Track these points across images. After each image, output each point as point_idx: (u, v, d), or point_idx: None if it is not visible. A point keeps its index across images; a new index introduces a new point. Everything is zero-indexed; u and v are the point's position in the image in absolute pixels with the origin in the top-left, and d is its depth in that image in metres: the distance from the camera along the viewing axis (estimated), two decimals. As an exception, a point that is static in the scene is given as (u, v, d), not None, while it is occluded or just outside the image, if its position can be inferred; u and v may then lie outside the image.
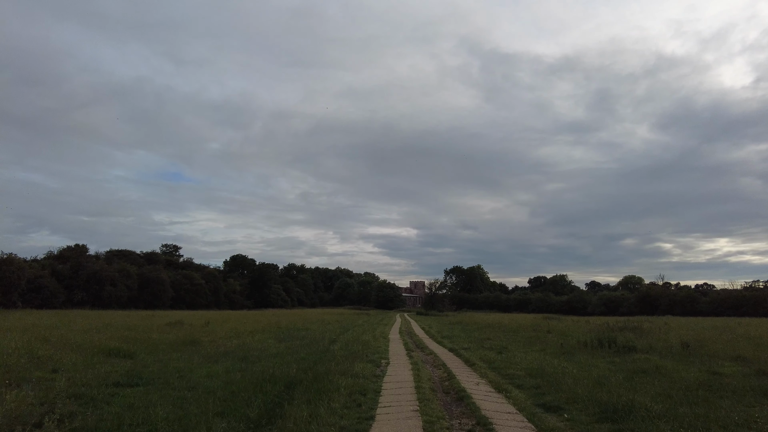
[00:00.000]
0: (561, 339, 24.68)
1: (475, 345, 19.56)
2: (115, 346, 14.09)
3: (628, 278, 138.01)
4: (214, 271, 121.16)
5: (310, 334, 25.08)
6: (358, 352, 14.71)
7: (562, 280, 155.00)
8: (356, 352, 14.51)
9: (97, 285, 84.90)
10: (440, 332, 29.52)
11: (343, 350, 15.52)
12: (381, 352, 15.97)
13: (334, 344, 18.68)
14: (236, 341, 19.71)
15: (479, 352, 16.77)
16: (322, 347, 16.84)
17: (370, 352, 15.66)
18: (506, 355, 16.11)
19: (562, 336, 27.17)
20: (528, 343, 21.92)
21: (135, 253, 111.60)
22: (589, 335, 25.88)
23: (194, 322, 32.30)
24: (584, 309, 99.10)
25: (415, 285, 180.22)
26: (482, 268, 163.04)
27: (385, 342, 21.41)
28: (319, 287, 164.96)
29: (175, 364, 12.19)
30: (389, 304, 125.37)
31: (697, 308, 78.86)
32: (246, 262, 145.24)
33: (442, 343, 21.07)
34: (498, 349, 18.11)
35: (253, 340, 20.68)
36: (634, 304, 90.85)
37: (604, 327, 32.58)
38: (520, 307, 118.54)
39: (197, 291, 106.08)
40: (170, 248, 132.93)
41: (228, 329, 26.75)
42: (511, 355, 15.83)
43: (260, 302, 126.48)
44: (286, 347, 17.36)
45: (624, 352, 17.31)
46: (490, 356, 15.46)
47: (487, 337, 25.58)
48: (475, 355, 15.59)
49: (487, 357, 15.17)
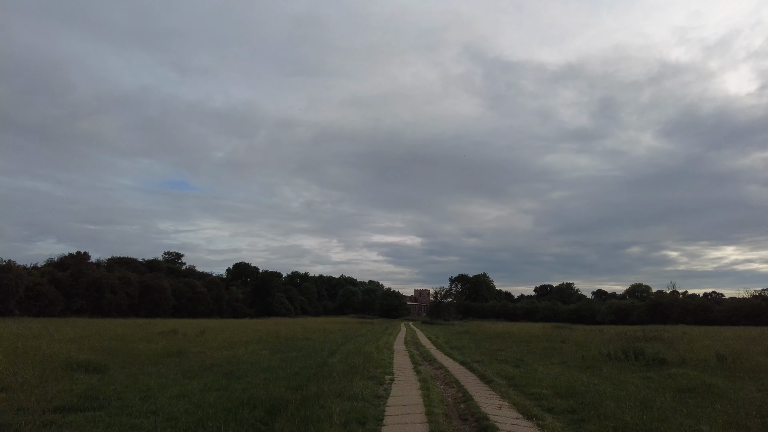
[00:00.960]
0: (579, 350, 22.89)
1: (488, 357, 17.81)
2: (85, 358, 12.50)
3: (636, 286, 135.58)
4: (217, 279, 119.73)
5: (310, 345, 23.42)
6: (358, 366, 13.04)
7: (568, 288, 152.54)
8: (357, 366, 12.84)
9: (97, 293, 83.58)
10: (448, 342, 27.75)
11: (342, 364, 13.85)
12: (385, 366, 14.28)
13: (333, 356, 17.00)
14: (227, 353, 18.07)
15: (494, 366, 15.04)
16: (319, 360, 15.17)
17: (372, 365, 13.98)
18: (525, 369, 14.38)
19: (579, 346, 25.35)
20: (545, 354, 20.14)
21: (137, 261, 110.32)
22: (610, 346, 24.06)
23: (189, 331, 30.73)
24: (593, 318, 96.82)
25: (420, 293, 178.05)
26: (488, 276, 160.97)
27: (390, 354, 19.69)
28: (323, 295, 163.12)
29: (146, 380, 10.58)
30: (394, 312, 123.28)
31: (711, 317, 76.51)
32: (249, 269, 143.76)
33: (452, 355, 19.32)
34: (514, 362, 16.37)
35: (246, 351, 19.03)
36: (644, 312, 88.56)
37: (622, 336, 30.71)
38: (527, 316, 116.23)
39: (199, 299, 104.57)
40: (172, 256, 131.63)
41: (222, 339, 25.14)
42: (531, 370, 14.10)
43: (263, 310, 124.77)
44: (281, 360, 15.71)
45: (655, 365, 15.53)
46: (507, 371, 13.73)
47: (499, 348, 23.80)
48: (490, 370, 13.88)
49: (505, 372, 13.45)
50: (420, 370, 13.34)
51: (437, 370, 13.92)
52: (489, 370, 13.89)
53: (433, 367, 14.70)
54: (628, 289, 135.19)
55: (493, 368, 14.39)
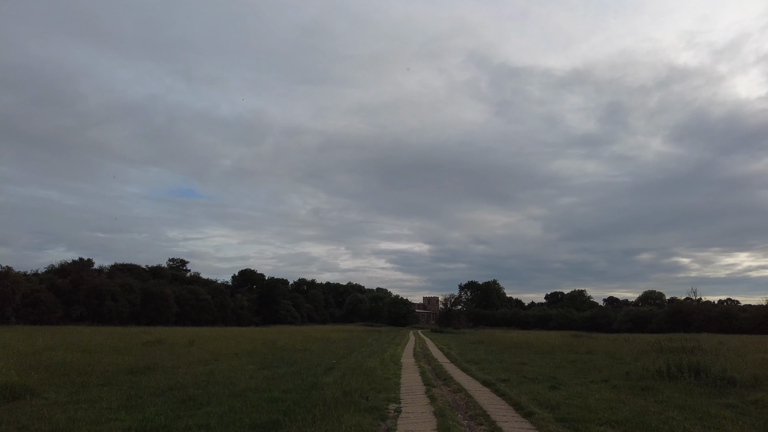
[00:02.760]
0: (615, 363, 19.89)
1: (514, 375, 14.90)
2: (4, 381, 9.79)
3: (649, 293, 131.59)
4: (221, 287, 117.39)
5: (306, 358, 20.66)
6: (356, 389, 10.23)
7: (580, 296, 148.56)
8: (354, 391, 10.03)
9: (97, 300, 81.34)
10: (463, 354, 24.83)
11: (336, 386, 11.06)
12: (389, 389, 11.45)
13: (329, 374, 14.20)
14: (205, 368, 15.35)
15: (525, 387, 12.16)
16: (310, 380, 12.39)
17: (374, 387, 11.17)
18: (565, 391, 11.50)
19: (613, 359, 22.33)
20: (578, 370, 17.20)
21: (140, 267, 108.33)
22: (648, 358, 21.01)
23: (179, 340, 28.10)
24: (609, 326, 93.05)
25: (429, 301, 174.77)
26: (498, 283, 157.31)
27: (397, 369, 16.83)
28: (330, 303, 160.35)
29: (67, 412, 7.88)
30: (402, 320, 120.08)
31: (736, 325, 72.60)
32: (255, 276, 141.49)
33: (469, 371, 16.43)
34: (547, 381, 13.47)
35: (229, 366, 16.30)
36: (663, 320, 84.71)
37: (655, 347, 27.60)
38: (540, 324, 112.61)
39: (203, 307, 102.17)
40: (177, 263, 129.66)
41: (210, 350, 22.46)
42: (573, 393, 11.22)
43: (269, 318, 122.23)
44: (264, 378, 12.96)
45: (724, 386, 12.58)
46: (544, 394, 10.87)
47: (521, 361, 20.86)
48: (523, 393, 11.02)
49: (542, 396, 10.59)
50: (434, 395, 10.49)
51: (456, 394, 11.06)
52: (522, 393, 11.03)
53: (450, 389, 11.84)
54: (641, 296, 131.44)
55: (524, 391, 11.52)
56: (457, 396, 10.85)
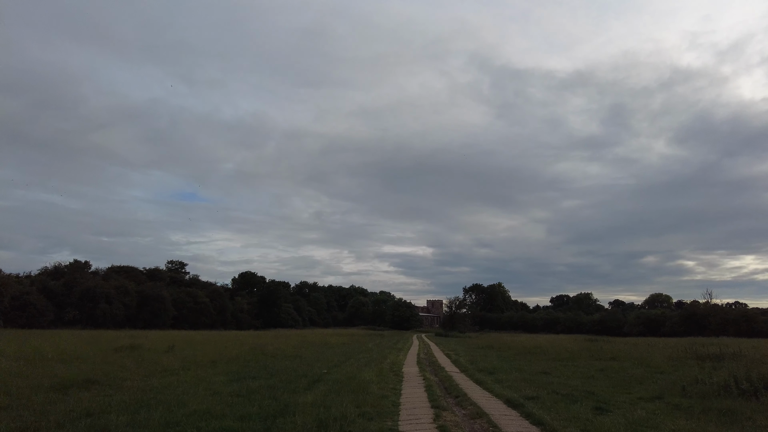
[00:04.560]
0: (652, 373, 17.00)
1: (543, 390, 12.04)
2: None
3: (656, 296, 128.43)
4: (220, 289, 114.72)
5: (294, 366, 17.89)
6: (338, 417, 7.45)
7: (587, 298, 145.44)
8: (334, 419, 7.26)
9: (91, 303, 78.84)
10: (473, 362, 21.96)
11: (315, 408, 8.29)
12: (385, 413, 8.56)
13: (312, 389, 11.41)
14: (162, 380, 12.59)
15: (563, 409, 9.34)
16: (284, 399, 9.60)
17: (365, 412, 8.33)
18: (619, 416, 8.67)
19: (645, 367, 19.43)
20: (615, 382, 14.32)
21: (137, 270, 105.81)
22: (693, 368, 18.09)
23: (157, 345, 25.38)
24: (619, 329, 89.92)
25: (433, 304, 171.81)
26: (503, 286, 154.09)
27: (397, 381, 14.00)
28: (333, 306, 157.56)
29: None
30: (405, 324, 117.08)
31: (755, 328, 69.43)
32: (255, 279, 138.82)
33: (484, 384, 13.57)
34: (586, 399, 10.63)
35: (195, 377, 13.54)
36: (677, 323, 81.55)
37: (689, 353, 24.65)
38: (547, 328, 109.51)
39: (201, 310, 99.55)
40: (176, 265, 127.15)
41: (185, 357, 19.71)
42: (632, 418, 8.40)
43: (269, 322, 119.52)
44: (228, 395, 10.21)
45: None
46: (595, 423, 8.05)
47: (542, 370, 18.01)
48: (563, 420, 8.19)
49: (594, 427, 7.77)
50: (447, 425, 7.65)
51: (475, 422, 8.18)
52: (561, 420, 8.20)
53: (467, 413, 8.96)
54: (647, 299, 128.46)
55: (564, 415, 8.69)
56: (477, 425, 8.00)
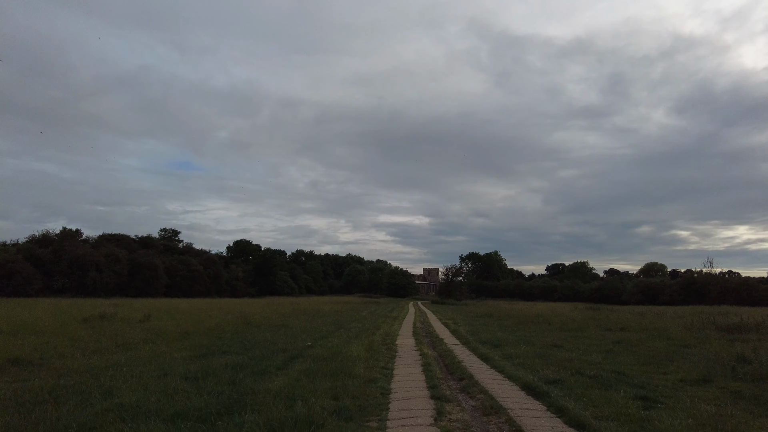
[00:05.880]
0: (676, 347, 15.20)
1: (563, 370, 10.09)
2: None
3: (651, 265, 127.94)
4: (215, 257, 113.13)
5: (276, 338, 16.07)
6: (300, 419, 5.40)
7: (583, 267, 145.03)
8: (298, 421, 5.25)
9: (81, 271, 77.08)
10: (474, 333, 20.17)
11: (276, 404, 6.31)
12: (370, 408, 6.44)
13: (285, 369, 9.46)
14: (109, 359, 10.63)
15: (596, 397, 7.39)
16: (242, 387, 7.60)
17: (343, 408, 6.25)
18: (681, 413, 6.72)
19: (665, 340, 17.63)
20: (641, 359, 12.46)
21: (129, 238, 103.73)
22: (725, 343, 16.33)
23: (133, 315, 23.52)
24: (618, 297, 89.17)
25: (429, 272, 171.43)
26: (499, 254, 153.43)
27: (389, 357, 12.09)
28: (329, 274, 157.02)
29: None
30: (401, 291, 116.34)
31: (756, 297, 68.46)
32: (250, 247, 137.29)
33: (491, 360, 11.68)
34: (620, 383, 8.70)
35: (154, 353, 11.62)
36: (676, 291, 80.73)
37: (707, 323, 22.98)
38: (544, 296, 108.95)
39: (195, 278, 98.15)
40: (169, 233, 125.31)
41: (154, 328, 17.82)
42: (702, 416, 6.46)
43: (265, 289, 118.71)
44: (183, 377, 8.27)
45: None
46: (649, 420, 6.11)
47: (552, 342, 16.20)
48: (605, 418, 6.24)
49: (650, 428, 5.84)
50: (452, 430, 5.60)
51: (490, 420, 6.16)
52: (605, 420, 6.26)
53: (477, 407, 6.91)
54: (642, 268, 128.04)
55: (606, 411, 6.73)
56: (493, 423, 5.99)
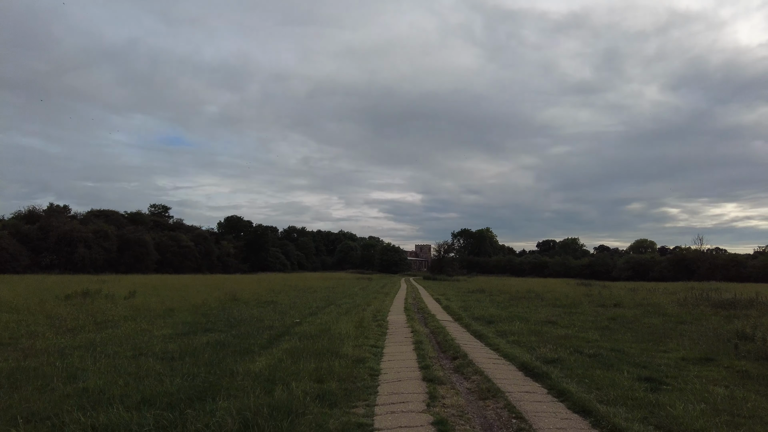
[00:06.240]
0: (672, 323, 14.94)
1: (561, 348, 9.70)
2: None
3: (641, 242, 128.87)
4: (205, 233, 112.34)
5: (263, 315, 15.63)
6: (282, 405, 4.91)
7: (574, 243, 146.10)
8: (276, 408, 4.76)
9: (69, 247, 76.11)
10: (467, 309, 19.85)
11: (255, 388, 5.81)
12: (357, 392, 5.95)
13: (269, 349, 8.98)
14: (84, 338, 10.10)
15: (599, 378, 6.91)
16: (221, 369, 7.10)
17: (328, 392, 5.74)
18: (690, 396, 6.29)
19: (661, 316, 17.39)
20: (639, 336, 12.14)
21: (118, 214, 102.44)
22: (721, 320, 16.12)
23: (118, 291, 22.96)
24: (608, 273, 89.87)
25: (421, 248, 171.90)
26: (491, 231, 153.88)
27: (380, 335, 11.67)
28: (321, 251, 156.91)
29: None
30: (394, 267, 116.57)
31: (744, 273, 69.18)
32: (241, 224, 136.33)
33: (485, 338, 11.29)
34: (627, 364, 8.28)
35: (134, 330, 11.10)
36: (666, 268, 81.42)
37: (701, 299, 22.85)
38: (535, 272, 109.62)
39: (185, 254, 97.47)
40: (159, 209, 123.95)
41: (143, 305, 17.29)
42: (714, 400, 6.04)
43: (257, 265, 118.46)
44: (159, 357, 7.76)
45: None
46: (671, 413, 5.66)
47: (546, 318, 15.88)
48: (612, 403, 5.77)
49: (666, 417, 5.38)
50: (446, 417, 5.08)
51: (487, 404, 5.63)
52: (609, 402, 5.83)
53: (473, 389, 6.36)
54: (632, 244, 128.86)
55: (611, 393, 6.30)
56: (491, 412, 5.48)
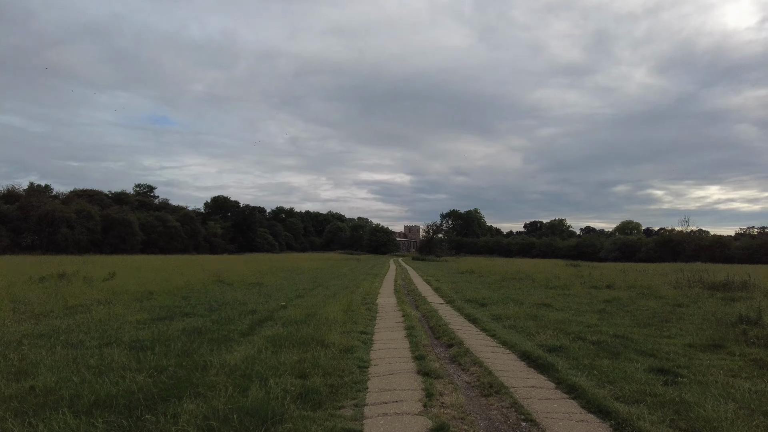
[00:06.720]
0: (669, 306, 14.63)
1: (562, 334, 9.20)
2: None
3: (626, 224, 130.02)
4: (192, 213, 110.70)
5: (247, 297, 15.04)
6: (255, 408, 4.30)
7: (560, 224, 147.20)
8: (247, 413, 4.16)
9: (50, 227, 74.46)
10: (458, 291, 19.43)
11: (228, 386, 5.23)
12: (344, 388, 5.24)
13: (248, 337, 8.40)
14: (50, 324, 9.43)
15: (622, 378, 6.38)
16: (193, 362, 6.49)
17: (311, 390, 5.09)
18: (713, 390, 5.79)
19: (656, 299, 17.10)
20: (640, 320, 11.78)
21: (102, 194, 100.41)
22: (719, 302, 15.85)
23: (97, 273, 22.13)
24: (595, 254, 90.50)
25: (410, 229, 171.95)
26: (479, 212, 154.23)
27: (369, 320, 11.14)
28: (310, 231, 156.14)
29: None
30: (382, 248, 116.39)
31: (728, 254, 70.01)
32: (228, 204, 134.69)
33: (480, 322, 10.82)
34: (633, 353, 7.74)
35: (108, 315, 10.44)
36: (652, 249, 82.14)
37: (694, 281, 22.67)
38: (522, 252, 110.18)
39: (171, 234, 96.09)
40: (144, 188, 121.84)
41: (121, 287, 16.55)
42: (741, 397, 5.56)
43: (244, 246, 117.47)
44: (128, 346, 7.12)
45: None
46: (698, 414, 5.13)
47: (540, 301, 15.47)
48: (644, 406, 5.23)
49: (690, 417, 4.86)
50: (446, 421, 4.54)
51: (490, 403, 4.97)
52: (628, 401, 5.32)
53: (472, 384, 5.69)
54: (618, 226, 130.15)
55: (627, 388, 5.79)
56: (496, 412, 4.91)
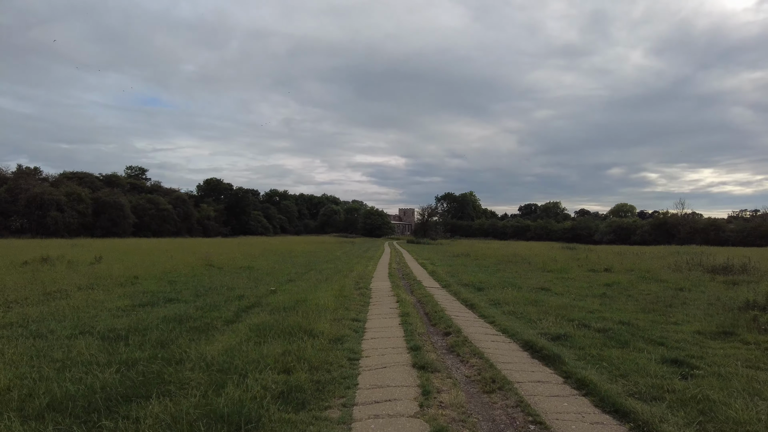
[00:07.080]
0: (672, 290, 14.22)
1: (567, 322, 8.65)
2: None
3: (621, 206, 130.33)
4: (184, 196, 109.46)
5: (237, 281, 14.50)
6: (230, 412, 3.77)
7: (555, 207, 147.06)
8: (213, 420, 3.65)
9: (40, 210, 73.35)
10: (453, 274, 18.96)
11: (204, 381, 4.70)
12: (331, 384, 4.71)
13: (232, 326, 7.86)
14: (24, 311, 8.85)
15: (634, 370, 5.87)
16: (170, 354, 5.95)
17: (294, 387, 4.59)
18: (736, 383, 5.35)
19: (657, 282, 16.70)
20: (643, 305, 11.32)
21: (92, 176, 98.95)
22: (721, 286, 15.46)
23: (83, 257, 21.49)
24: (590, 237, 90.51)
25: (405, 212, 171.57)
26: (474, 194, 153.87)
27: (362, 305, 10.63)
28: (304, 214, 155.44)
29: None
30: (377, 231, 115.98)
31: (722, 237, 70.10)
32: (221, 186, 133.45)
33: (478, 308, 10.33)
34: (642, 342, 7.23)
35: (86, 301, 9.85)
36: (647, 231, 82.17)
37: (693, 263, 22.33)
38: (517, 235, 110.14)
39: (164, 217, 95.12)
40: (136, 171, 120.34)
41: (106, 271, 15.95)
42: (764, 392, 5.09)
43: (238, 229, 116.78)
44: (101, 336, 6.55)
45: None
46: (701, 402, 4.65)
47: (539, 285, 15.03)
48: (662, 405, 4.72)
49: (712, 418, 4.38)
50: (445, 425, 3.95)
51: (494, 401, 4.39)
52: (643, 399, 4.83)
53: (473, 378, 5.07)
54: (612, 209, 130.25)
55: (641, 383, 5.29)
56: (499, 407, 4.39)
